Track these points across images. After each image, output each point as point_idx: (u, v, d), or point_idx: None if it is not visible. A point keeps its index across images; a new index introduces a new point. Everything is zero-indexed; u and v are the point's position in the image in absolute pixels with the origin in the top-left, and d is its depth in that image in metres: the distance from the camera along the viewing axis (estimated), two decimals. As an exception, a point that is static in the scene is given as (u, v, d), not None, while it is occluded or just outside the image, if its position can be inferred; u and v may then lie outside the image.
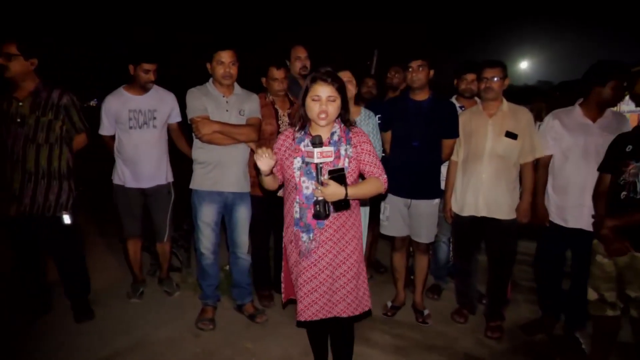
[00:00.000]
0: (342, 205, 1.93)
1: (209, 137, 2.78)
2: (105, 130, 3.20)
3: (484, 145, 2.90)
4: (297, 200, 2.02)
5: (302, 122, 2.08)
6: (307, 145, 1.98)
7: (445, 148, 3.06)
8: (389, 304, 3.32)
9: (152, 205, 3.29)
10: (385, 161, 3.19)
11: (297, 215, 2.03)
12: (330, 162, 1.93)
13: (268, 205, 3.16)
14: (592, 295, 2.47)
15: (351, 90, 3.01)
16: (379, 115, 3.24)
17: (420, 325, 3.13)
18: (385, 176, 2.08)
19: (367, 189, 2.03)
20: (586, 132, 2.74)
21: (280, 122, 3.14)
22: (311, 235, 2.02)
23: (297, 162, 2.02)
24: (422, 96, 3.02)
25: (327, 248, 2.05)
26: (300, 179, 2.00)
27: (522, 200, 2.92)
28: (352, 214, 2.09)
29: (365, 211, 3.24)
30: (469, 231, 3.06)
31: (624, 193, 2.25)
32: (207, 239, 2.93)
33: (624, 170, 2.27)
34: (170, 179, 3.33)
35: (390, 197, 3.12)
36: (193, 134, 2.88)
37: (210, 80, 2.93)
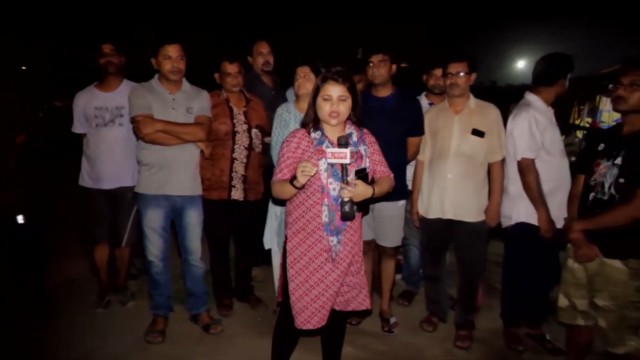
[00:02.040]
0: (366, 204, 1.97)
1: (152, 136, 2.61)
2: (76, 128, 3.11)
3: (449, 143, 2.73)
4: (326, 202, 1.97)
5: (314, 122, 2.04)
6: (329, 147, 1.95)
7: (410, 147, 2.89)
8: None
9: (115, 207, 3.12)
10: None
11: (326, 219, 1.99)
12: (354, 162, 1.94)
13: (226, 210, 3.00)
14: (563, 301, 2.31)
15: (308, 87, 2.86)
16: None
17: (385, 335, 2.95)
18: (392, 174, 2.16)
19: (385, 187, 2.07)
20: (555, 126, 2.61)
21: (235, 120, 2.96)
22: (340, 237, 2.01)
23: (323, 163, 1.96)
24: (384, 92, 2.86)
25: (347, 249, 2.05)
26: (327, 181, 1.96)
27: (490, 201, 2.75)
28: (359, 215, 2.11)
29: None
30: (436, 234, 2.89)
31: (592, 194, 2.11)
32: (154, 245, 2.75)
33: (595, 170, 2.12)
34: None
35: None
36: (134, 134, 2.71)
37: (156, 76, 2.76)
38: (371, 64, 2.77)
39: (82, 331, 2.88)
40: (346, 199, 1.85)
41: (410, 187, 3.03)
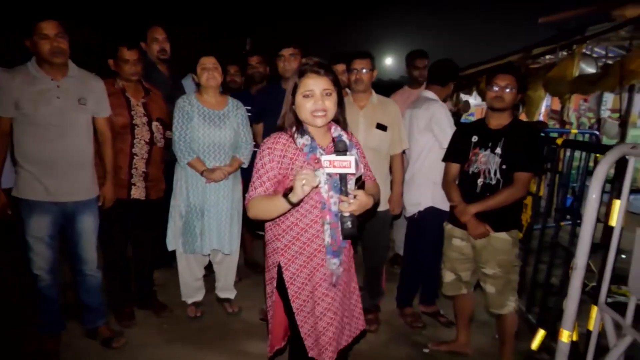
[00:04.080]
0: (366, 216, 1.67)
1: None
2: None
3: (357, 138, 2.84)
4: (327, 220, 1.65)
5: (297, 126, 1.70)
6: (321, 154, 1.64)
7: (319, 141, 2.94)
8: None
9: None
10: (258, 156, 3.00)
11: (328, 240, 1.67)
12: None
13: (125, 210, 2.74)
14: (449, 276, 2.62)
15: (217, 78, 2.76)
16: (248, 107, 3.01)
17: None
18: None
19: (377, 195, 1.83)
20: None
21: (133, 112, 2.70)
22: (341, 258, 1.71)
23: (321, 174, 1.61)
24: (294, 86, 2.85)
25: (345, 267, 1.79)
26: (328, 194, 1.63)
27: (393, 192, 2.94)
28: None
29: (238, 209, 3.00)
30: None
31: (481, 180, 2.40)
32: (40, 257, 2.38)
33: (475, 159, 2.42)
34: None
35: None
36: None
37: (33, 59, 2.33)
38: (282, 58, 2.75)
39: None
40: (346, 214, 1.56)
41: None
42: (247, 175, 3.11)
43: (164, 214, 2.95)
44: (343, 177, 1.55)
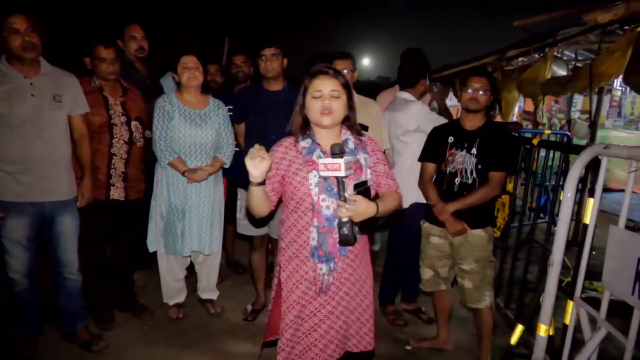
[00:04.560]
0: (369, 225, 1.61)
1: None
2: None
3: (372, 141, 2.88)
4: (315, 223, 1.65)
5: (304, 129, 1.73)
6: (320, 157, 1.63)
7: (301, 141, 2.95)
8: (249, 307, 3.12)
9: None
10: (240, 156, 2.98)
11: (314, 243, 1.66)
12: (352, 174, 1.61)
13: (104, 211, 2.69)
14: (427, 273, 2.67)
15: (199, 77, 2.74)
16: (230, 107, 3.00)
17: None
18: (400, 189, 1.81)
19: (393, 204, 1.71)
20: None
21: (111, 111, 2.65)
22: (332, 265, 1.67)
23: (314, 176, 1.63)
24: (276, 86, 2.85)
25: (345, 276, 1.73)
26: (319, 197, 1.63)
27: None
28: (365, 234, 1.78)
29: (220, 209, 2.99)
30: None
31: (458, 179, 2.45)
32: (17, 261, 2.31)
33: (452, 159, 2.47)
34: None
35: (246, 193, 2.90)
36: None
37: (3, 57, 2.26)
38: (264, 58, 2.75)
39: None
40: (344, 219, 1.55)
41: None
42: (229, 175, 3.13)
43: (144, 214, 2.91)
44: (341, 182, 1.55)
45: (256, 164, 1.53)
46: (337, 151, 1.55)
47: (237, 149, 3.01)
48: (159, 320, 2.96)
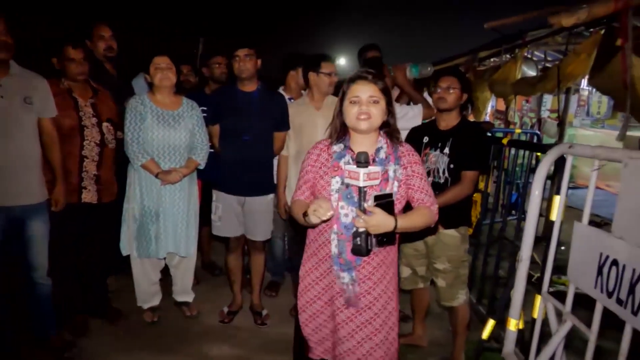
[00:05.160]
0: (387, 238, 1.58)
1: None
2: None
3: (316, 138, 2.88)
4: (335, 230, 1.63)
5: (338, 133, 1.72)
6: (349, 163, 1.62)
7: (276, 141, 2.95)
8: (226, 309, 3.10)
9: None
10: (215, 157, 2.97)
11: (335, 250, 1.64)
12: (377, 185, 1.57)
13: (75, 215, 2.63)
14: (405, 272, 2.71)
15: (171, 78, 2.71)
16: (204, 108, 2.98)
17: (259, 328, 2.99)
18: (437, 206, 1.75)
19: (419, 220, 1.66)
20: None
21: (81, 113, 2.59)
22: (353, 274, 1.64)
23: (336, 182, 1.64)
24: (250, 87, 2.84)
25: (365, 288, 1.69)
26: (338, 204, 1.62)
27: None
28: (393, 247, 1.73)
29: (195, 211, 2.96)
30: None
31: (430, 179, 2.48)
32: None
33: (426, 159, 2.51)
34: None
35: (222, 195, 2.90)
36: None
37: None
38: (237, 58, 2.73)
39: None
40: (361, 229, 1.53)
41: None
42: (204, 176, 3.11)
43: (117, 217, 2.86)
44: (362, 191, 1.51)
45: (315, 219, 1.50)
46: (362, 160, 1.50)
47: (212, 150, 2.99)
48: (133, 325, 2.91)
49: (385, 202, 1.54)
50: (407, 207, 1.76)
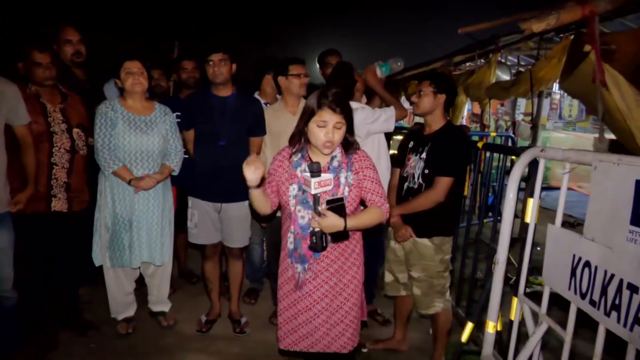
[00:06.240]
0: (340, 236, 1.81)
1: None
2: None
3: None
4: (292, 230, 1.88)
5: (300, 143, 1.91)
6: (305, 171, 1.81)
7: (253, 147, 2.91)
8: (203, 318, 3.04)
9: None
10: (190, 163, 2.91)
11: (291, 246, 1.90)
12: (329, 190, 1.78)
13: (44, 224, 2.55)
14: (388, 277, 2.70)
15: (143, 83, 2.65)
16: (178, 113, 2.93)
17: (238, 336, 2.93)
18: (388, 205, 1.93)
19: (368, 219, 1.88)
20: None
21: (50, 119, 2.51)
22: (306, 265, 1.89)
23: (293, 189, 1.86)
24: (225, 92, 2.81)
25: (323, 279, 1.92)
26: (295, 208, 1.85)
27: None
28: (351, 241, 1.95)
29: (170, 218, 2.91)
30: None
31: (406, 184, 2.48)
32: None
33: (408, 164, 2.51)
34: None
35: (198, 202, 2.84)
36: None
37: None
38: (212, 63, 2.69)
39: None
40: (317, 229, 1.76)
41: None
42: (178, 183, 3.04)
43: (88, 226, 2.78)
44: (316, 197, 1.72)
45: (252, 171, 1.69)
46: (315, 170, 1.69)
47: (186, 156, 2.93)
48: (106, 337, 2.82)
49: (336, 206, 1.75)
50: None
